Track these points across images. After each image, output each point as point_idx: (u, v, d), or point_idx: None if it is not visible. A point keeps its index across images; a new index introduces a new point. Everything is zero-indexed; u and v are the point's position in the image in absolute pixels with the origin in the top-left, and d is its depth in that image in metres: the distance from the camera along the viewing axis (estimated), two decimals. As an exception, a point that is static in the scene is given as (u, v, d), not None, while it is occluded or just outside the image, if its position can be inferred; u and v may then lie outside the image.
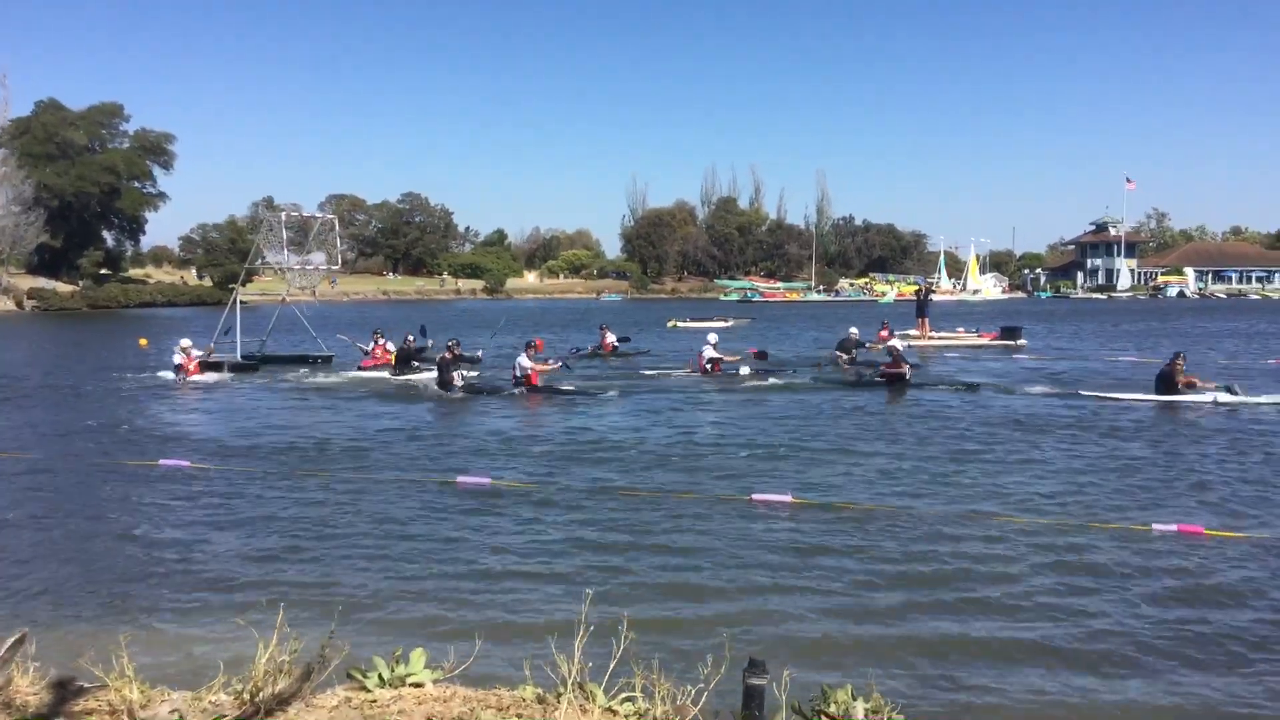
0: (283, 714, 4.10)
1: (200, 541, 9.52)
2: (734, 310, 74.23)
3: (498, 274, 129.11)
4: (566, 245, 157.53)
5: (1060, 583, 8.08)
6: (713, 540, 9.34)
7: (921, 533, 9.57)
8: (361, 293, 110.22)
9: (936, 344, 34.74)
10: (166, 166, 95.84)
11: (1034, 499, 11.00)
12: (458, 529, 9.86)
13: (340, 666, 4.47)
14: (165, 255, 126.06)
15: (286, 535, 9.71)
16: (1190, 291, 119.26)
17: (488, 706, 4.23)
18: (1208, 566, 8.50)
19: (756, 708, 4.14)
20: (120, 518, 10.52)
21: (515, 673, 4.77)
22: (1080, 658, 6.55)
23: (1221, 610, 7.46)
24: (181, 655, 6.54)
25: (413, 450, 14.40)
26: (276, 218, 29.76)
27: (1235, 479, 12.04)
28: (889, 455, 13.60)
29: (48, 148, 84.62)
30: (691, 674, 4.24)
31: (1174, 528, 9.53)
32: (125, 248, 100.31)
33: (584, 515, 10.38)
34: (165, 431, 16.43)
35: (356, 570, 8.54)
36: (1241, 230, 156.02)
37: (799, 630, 7.05)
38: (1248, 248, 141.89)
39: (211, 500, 11.24)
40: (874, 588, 7.97)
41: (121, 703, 4.13)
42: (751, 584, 8.07)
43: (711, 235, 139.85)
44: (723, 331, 47.49)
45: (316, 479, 12.31)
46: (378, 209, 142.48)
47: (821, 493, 11.28)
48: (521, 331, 45.14)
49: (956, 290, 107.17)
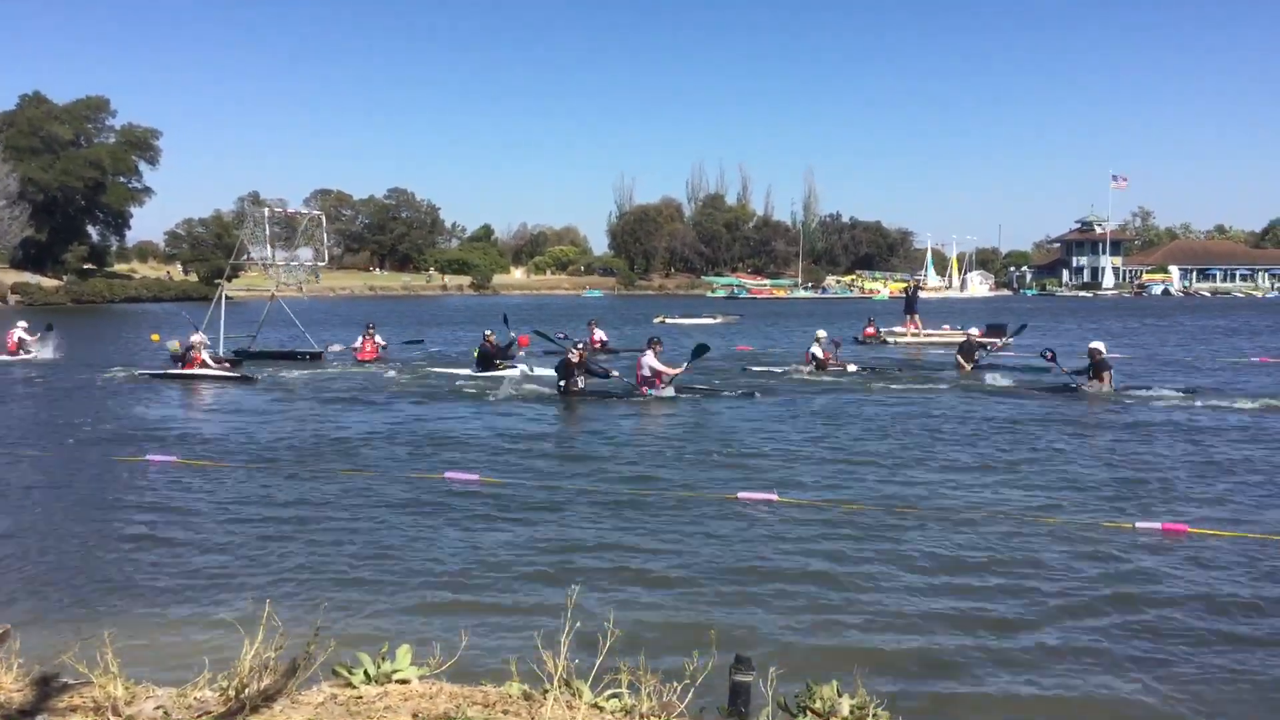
0: (268, 710, 4.09)
1: (186, 537, 9.48)
2: (721, 307, 74.19)
3: (484, 270, 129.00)
4: (553, 241, 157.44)
5: (1044, 581, 8.11)
6: (700, 537, 9.35)
7: (907, 531, 9.60)
8: (348, 288, 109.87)
9: (922, 341, 34.84)
10: (152, 162, 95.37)
11: (1016, 497, 11.05)
12: (445, 526, 9.84)
13: (326, 663, 4.46)
14: (151, 250, 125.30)
15: (273, 531, 9.67)
16: (1175, 290, 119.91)
17: (474, 703, 4.23)
18: (1192, 564, 8.54)
19: (742, 704, 4.15)
20: (106, 513, 10.47)
21: (501, 669, 4.77)
22: (1064, 655, 6.58)
23: (1206, 609, 7.50)
24: (166, 652, 6.50)
25: (405, 447, 14.37)
26: (260, 213, 29.62)
27: (1216, 477, 12.11)
28: (873, 454, 13.64)
29: (32, 142, 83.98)
30: (678, 670, 4.24)
31: (1158, 526, 9.58)
32: (110, 243, 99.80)
33: (570, 512, 10.38)
34: (153, 427, 16.34)
35: (343, 566, 8.52)
36: (1225, 229, 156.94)
37: (785, 627, 7.07)
38: (1232, 246, 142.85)
39: (198, 496, 11.19)
40: (860, 585, 7.99)
41: (106, 699, 4.12)
42: (738, 581, 8.08)
43: (699, 232, 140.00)
44: (710, 329, 47.80)
45: (304, 475, 12.27)
46: (364, 204, 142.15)
47: (808, 491, 11.30)
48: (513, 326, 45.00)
49: (943, 288, 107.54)
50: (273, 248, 28.95)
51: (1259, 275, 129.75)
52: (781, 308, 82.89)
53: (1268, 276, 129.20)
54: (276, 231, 29.13)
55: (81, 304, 76.15)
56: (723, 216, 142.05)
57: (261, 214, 29.51)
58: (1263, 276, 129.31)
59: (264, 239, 28.68)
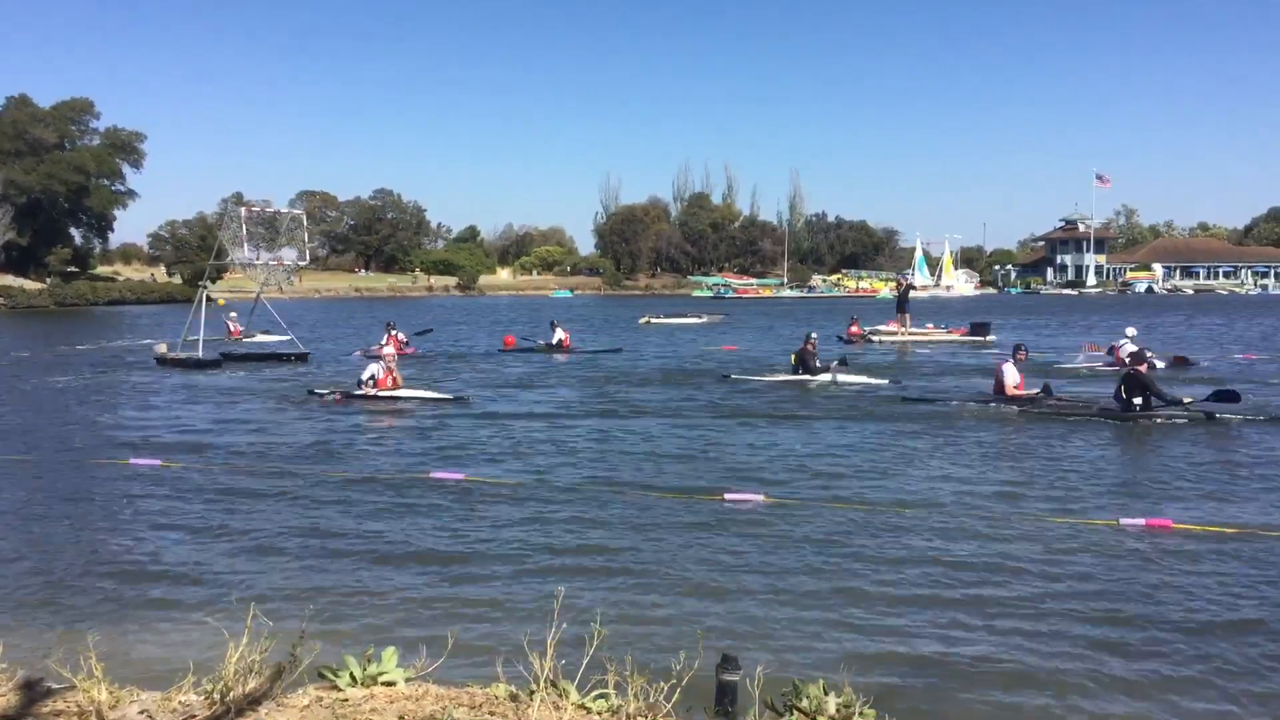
0: (254, 714, 4.07)
1: (170, 541, 9.44)
2: (707, 307, 74.21)
3: (470, 270, 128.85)
4: (539, 242, 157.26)
5: (1028, 578, 8.14)
6: (686, 538, 9.35)
7: (892, 530, 9.63)
8: (334, 289, 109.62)
9: (908, 339, 34.94)
10: (136, 165, 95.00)
11: (998, 494, 11.08)
12: (431, 526, 9.82)
13: (312, 666, 4.45)
14: (134, 253, 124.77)
15: (257, 534, 9.63)
16: (1159, 288, 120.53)
17: (460, 704, 4.22)
18: (1179, 559, 8.59)
19: (729, 703, 4.15)
20: (89, 517, 10.41)
21: (488, 670, 4.76)
22: (1049, 652, 6.60)
23: (1191, 603, 7.54)
24: (151, 656, 6.47)
25: (400, 448, 14.34)
26: (238, 212, 29.53)
27: (1202, 473, 12.18)
28: (857, 453, 13.68)
29: (16, 144, 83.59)
30: (665, 670, 4.24)
31: (1142, 522, 9.63)
32: (94, 245, 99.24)
33: (557, 511, 10.37)
34: (137, 430, 16.25)
35: (328, 568, 8.49)
36: (1209, 226, 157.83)
37: (772, 626, 7.07)
38: (1215, 244, 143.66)
39: (182, 500, 11.13)
40: (846, 585, 8.00)
41: (90, 704, 4.10)
42: (725, 581, 8.09)
43: (685, 232, 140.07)
44: (697, 328, 47.81)
45: (288, 477, 12.22)
46: (350, 205, 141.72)
47: (794, 490, 11.32)
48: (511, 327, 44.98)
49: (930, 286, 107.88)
50: (255, 248, 28.84)
51: (1242, 272, 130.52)
52: (768, 307, 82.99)
53: (1251, 274, 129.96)
54: (259, 232, 29.02)
55: (65, 307, 75.75)
56: (708, 216, 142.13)
57: (238, 214, 29.44)
58: (1246, 274, 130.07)
59: (244, 240, 28.56)
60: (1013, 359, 17.81)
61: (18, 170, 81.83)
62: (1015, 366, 17.57)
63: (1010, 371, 17.42)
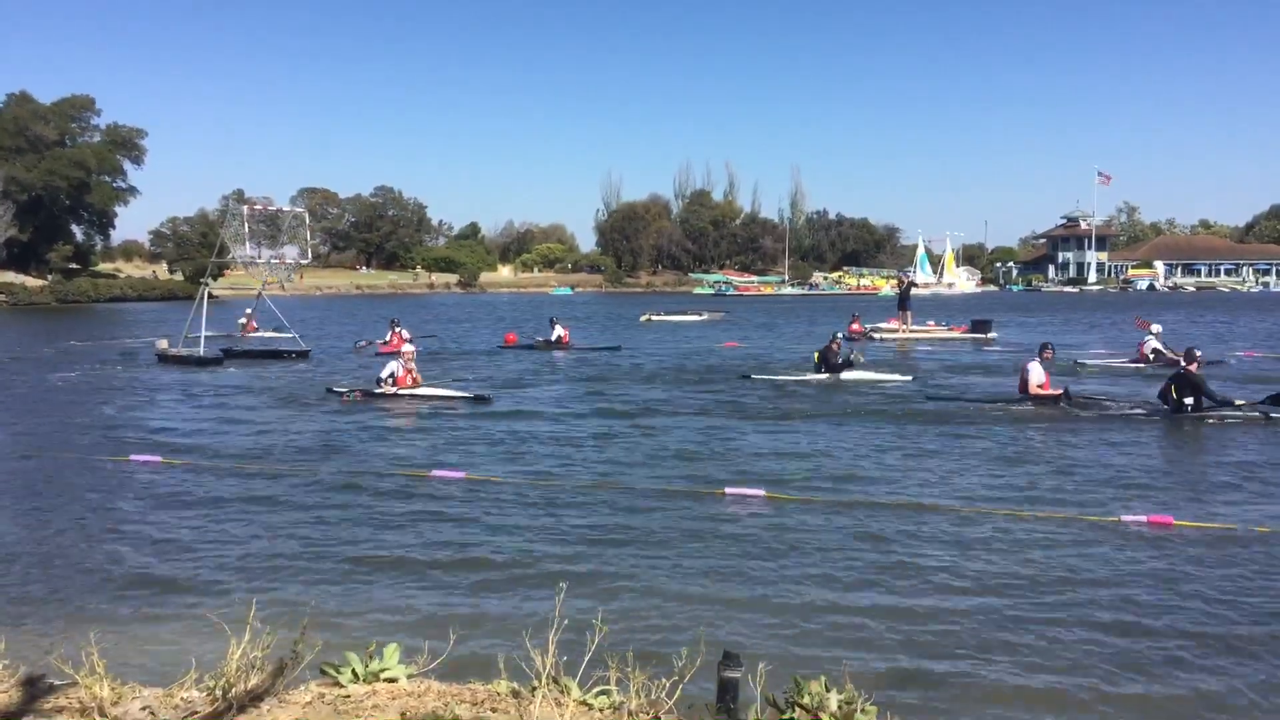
0: (255, 710, 4.07)
1: (172, 538, 9.44)
2: (708, 304, 74.14)
3: (471, 268, 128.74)
4: (540, 239, 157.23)
5: (1032, 574, 8.14)
6: (687, 534, 9.35)
7: (895, 527, 9.62)
8: (335, 286, 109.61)
9: (910, 337, 34.91)
10: (137, 162, 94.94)
11: (1002, 491, 11.08)
12: (432, 523, 9.82)
13: (313, 662, 4.45)
14: (135, 249, 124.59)
15: (259, 531, 9.65)
16: (1160, 285, 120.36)
17: (462, 701, 4.22)
18: (1178, 556, 8.58)
19: (731, 700, 4.15)
20: (90, 514, 10.42)
21: (490, 667, 4.76)
22: (1051, 648, 6.60)
23: (1191, 599, 7.53)
24: (153, 652, 6.47)
25: (401, 446, 14.34)
26: (240, 210, 29.54)
27: (1203, 471, 12.18)
28: (857, 450, 13.67)
29: (17, 141, 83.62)
30: (666, 667, 4.24)
31: (1144, 518, 9.62)
32: (95, 242, 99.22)
33: (559, 509, 10.37)
34: (138, 427, 16.28)
35: (330, 565, 8.50)
36: (1210, 224, 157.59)
37: (773, 623, 7.07)
38: (1216, 241, 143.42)
39: (184, 496, 11.14)
40: (848, 581, 8.00)
41: (92, 700, 4.10)
42: (726, 577, 8.09)
43: (685, 229, 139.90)
44: (698, 325, 47.77)
45: (289, 474, 12.23)
46: (350, 202, 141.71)
47: (795, 487, 11.32)
48: (512, 324, 44.96)
49: (931, 284, 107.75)
50: (257, 245, 28.87)
51: (1244, 270, 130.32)
52: (769, 304, 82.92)
53: (1252, 271, 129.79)
54: (261, 229, 29.04)
55: (66, 304, 75.79)
56: (710, 214, 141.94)
57: (240, 211, 29.44)
58: (1247, 271, 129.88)
59: (246, 237, 28.59)
60: (1039, 358, 17.80)
61: (19, 167, 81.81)
62: (1041, 365, 17.55)
63: (1036, 370, 17.38)
